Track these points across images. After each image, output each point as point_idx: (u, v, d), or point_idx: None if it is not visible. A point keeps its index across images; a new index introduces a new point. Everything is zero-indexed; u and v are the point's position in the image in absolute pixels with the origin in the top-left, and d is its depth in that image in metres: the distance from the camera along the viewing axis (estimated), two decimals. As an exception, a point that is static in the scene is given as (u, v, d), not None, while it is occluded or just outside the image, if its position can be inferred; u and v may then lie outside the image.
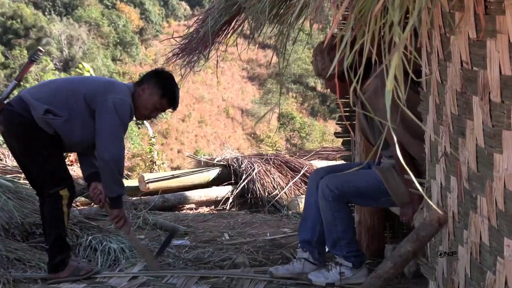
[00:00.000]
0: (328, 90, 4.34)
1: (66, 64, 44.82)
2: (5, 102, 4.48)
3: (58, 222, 4.52)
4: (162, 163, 11.79)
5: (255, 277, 4.55)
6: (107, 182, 4.53)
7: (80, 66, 11.83)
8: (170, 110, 4.78)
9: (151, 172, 10.55)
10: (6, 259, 4.82)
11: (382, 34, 2.27)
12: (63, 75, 42.13)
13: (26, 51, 43.32)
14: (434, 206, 3.12)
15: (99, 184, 4.64)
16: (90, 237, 5.33)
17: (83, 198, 7.45)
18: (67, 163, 8.55)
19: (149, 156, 11.71)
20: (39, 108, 4.39)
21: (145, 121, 14.01)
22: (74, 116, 4.44)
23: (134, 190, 8.12)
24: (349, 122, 5.27)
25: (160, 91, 4.60)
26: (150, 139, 11.73)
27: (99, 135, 4.41)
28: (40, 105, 4.39)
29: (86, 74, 10.95)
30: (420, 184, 3.69)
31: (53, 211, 4.52)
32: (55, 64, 43.04)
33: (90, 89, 4.49)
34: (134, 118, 4.74)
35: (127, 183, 8.51)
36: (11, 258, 4.85)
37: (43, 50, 4.91)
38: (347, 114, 5.26)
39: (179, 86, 4.74)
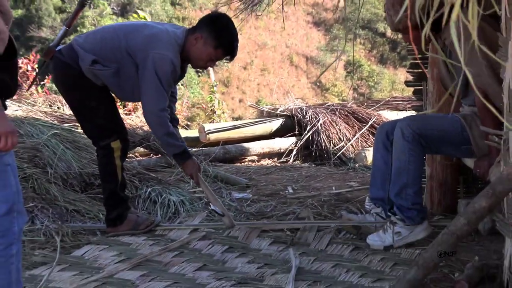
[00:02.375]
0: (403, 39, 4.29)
1: (124, 9, 45.07)
2: (57, 49, 4.49)
3: (111, 177, 4.59)
4: (223, 113, 11.88)
5: (319, 223, 4.59)
6: (160, 142, 4.55)
7: (135, 16, 11.87)
8: (227, 60, 4.65)
9: (211, 122, 10.64)
10: (64, 210, 4.93)
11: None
12: (120, 20, 42.45)
13: (82, -5, 43.68)
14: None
15: None
16: (149, 189, 5.40)
17: (142, 149, 7.57)
18: (124, 112, 8.72)
19: (210, 106, 11.79)
20: (86, 58, 4.39)
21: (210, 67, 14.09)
22: (121, 69, 4.42)
23: (194, 141, 8.20)
24: (421, 70, 5.20)
25: (214, 41, 4.41)
26: (211, 87, 11.80)
27: (141, 95, 4.40)
28: (87, 55, 4.39)
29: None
30: (499, 136, 3.66)
31: (105, 165, 4.59)
32: (112, 8, 43.28)
33: (132, 43, 4.40)
34: (190, 67, 4.71)
35: (186, 133, 8.61)
36: (70, 209, 4.96)
37: None
38: (421, 61, 5.19)
39: (239, 32, 4.60)
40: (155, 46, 4.35)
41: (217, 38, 4.41)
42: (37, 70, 6.74)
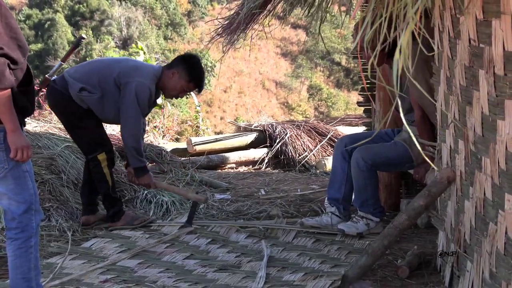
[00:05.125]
0: (353, 65, 4.39)
1: (125, 42, 44.95)
2: (52, 79, 4.57)
3: (102, 183, 4.60)
4: (207, 128, 11.82)
5: (287, 227, 4.60)
6: (128, 155, 4.62)
7: (134, 46, 11.79)
8: (196, 92, 4.82)
9: (197, 136, 10.60)
10: (75, 210, 4.92)
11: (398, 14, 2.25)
12: (122, 52, 42.25)
13: (91, 31, 43.51)
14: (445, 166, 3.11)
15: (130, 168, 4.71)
16: (145, 192, 5.38)
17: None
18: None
19: (196, 122, 11.74)
20: (75, 86, 4.46)
21: (192, 92, 14.08)
22: (106, 96, 4.49)
23: (183, 152, 8.16)
24: (370, 93, 5.25)
25: (187, 76, 4.56)
26: (196, 108, 11.77)
27: (121, 118, 4.48)
28: (76, 84, 4.46)
29: (140, 52, 10.83)
30: (433, 147, 3.70)
31: (96, 175, 4.61)
32: (115, 42, 43.13)
33: (118, 73, 4.48)
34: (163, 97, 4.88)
35: (177, 145, 8.58)
36: (79, 208, 4.94)
37: (85, 37, 4.98)
38: (369, 86, 5.24)
39: (221, 62, 4.75)
40: (137, 75, 4.47)
41: (190, 74, 4.58)
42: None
